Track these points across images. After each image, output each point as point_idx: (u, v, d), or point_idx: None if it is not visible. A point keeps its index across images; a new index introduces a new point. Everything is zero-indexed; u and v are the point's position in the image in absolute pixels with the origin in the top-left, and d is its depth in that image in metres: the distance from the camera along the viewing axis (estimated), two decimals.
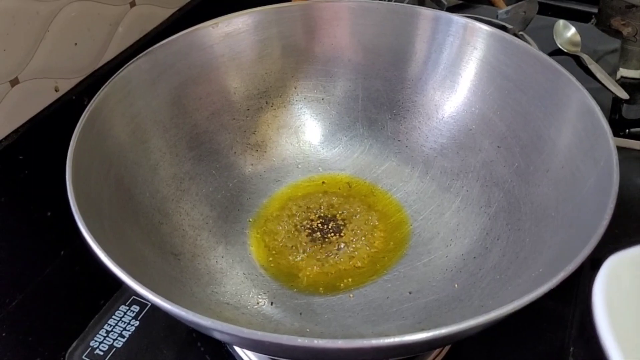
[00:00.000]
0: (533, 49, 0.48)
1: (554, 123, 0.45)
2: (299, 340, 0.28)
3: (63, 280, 0.54)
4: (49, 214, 0.53)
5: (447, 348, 0.45)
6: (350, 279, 0.46)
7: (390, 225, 0.50)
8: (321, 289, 0.46)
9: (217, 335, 0.34)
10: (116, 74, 0.46)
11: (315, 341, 0.28)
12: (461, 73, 0.51)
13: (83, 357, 0.45)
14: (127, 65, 0.47)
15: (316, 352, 0.30)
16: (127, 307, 0.49)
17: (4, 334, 0.49)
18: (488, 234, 0.46)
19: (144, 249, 0.42)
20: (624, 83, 0.80)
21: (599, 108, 0.41)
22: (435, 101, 0.53)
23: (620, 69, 0.80)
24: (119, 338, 0.47)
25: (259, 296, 0.45)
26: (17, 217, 0.51)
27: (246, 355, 0.45)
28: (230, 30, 0.52)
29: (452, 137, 0.52)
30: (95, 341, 0.47)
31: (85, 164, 0.40)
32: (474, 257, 0.45)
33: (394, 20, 0.53)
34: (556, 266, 0.33)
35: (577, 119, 0.43)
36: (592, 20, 0.83)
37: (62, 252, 0.55)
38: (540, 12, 0.79)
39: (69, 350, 0.46)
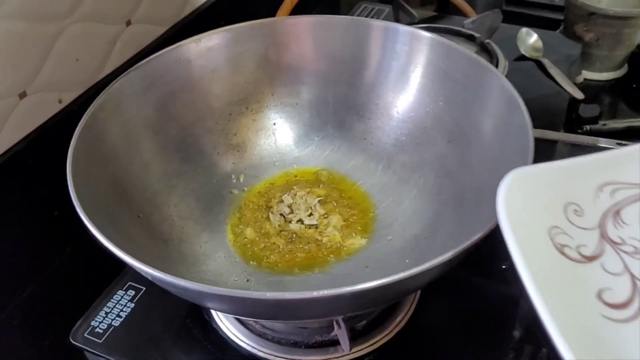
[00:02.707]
0: (464, 50, 0.51)
1: (486, 116, 0.49)
2: (240, 292, 0.34)
3: (69, 272, 0.58)
4: (55, 213, 0.56)
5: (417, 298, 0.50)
6: (319, 259, 0.51)
7: (357, 212, 0.54)
8: (296, 269, 0.50)
9: (186, 295, 0.38)
10: (109, 85, 0.49)
11: (255, 294, 0.34)
12: (411, 76, 0.54)
13: (85, 334, 0.50)
14: (119, 78, 0.50)
15: (256, 303, 0.35)
16: (124, 292, 0.53)
17: (16, 322, 0.53)
18: (437, 219, 0.50)
19: (136, 235, 0.46)
20: (589, 85, 0.83)
21: (519, 95, 0.45)
22: (393, 103, 0.56)
23: (584, 72, 0.83)
24: (116, 318, 0.51)
25: (237, 275, 0.49)
26: (27, 216, 0.54)
27: (230, 330, 0.49)
28: (212, 45, 0.55)
29: (410, 134, 0.55)
30: (96, 321, 0.51)
31: (84, 162, 0.44)
32: (425, 238, 0.49)
33: (352, 32, 0.56)
34: None
35: (504, 109, 0.47)
36: (560, 28, 0.87)
37: (68, 248, 0.58)
38: (513, 22, 0.82)
39: (73, 330, 0.51)
